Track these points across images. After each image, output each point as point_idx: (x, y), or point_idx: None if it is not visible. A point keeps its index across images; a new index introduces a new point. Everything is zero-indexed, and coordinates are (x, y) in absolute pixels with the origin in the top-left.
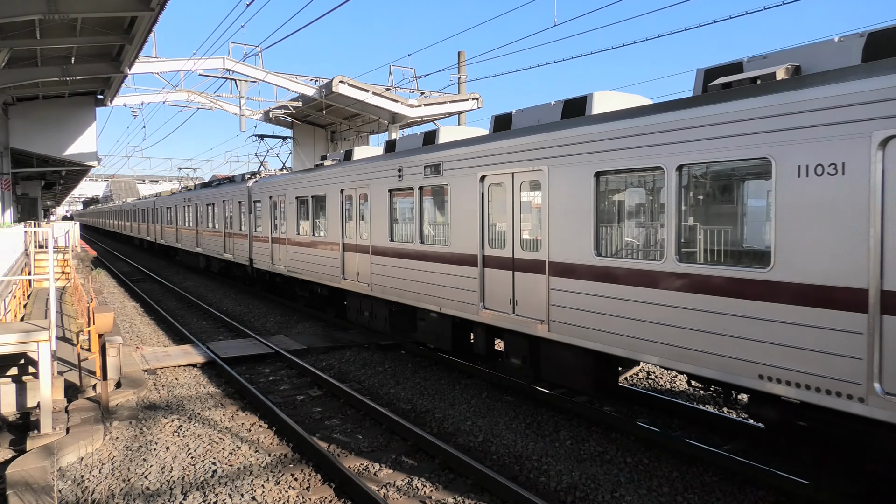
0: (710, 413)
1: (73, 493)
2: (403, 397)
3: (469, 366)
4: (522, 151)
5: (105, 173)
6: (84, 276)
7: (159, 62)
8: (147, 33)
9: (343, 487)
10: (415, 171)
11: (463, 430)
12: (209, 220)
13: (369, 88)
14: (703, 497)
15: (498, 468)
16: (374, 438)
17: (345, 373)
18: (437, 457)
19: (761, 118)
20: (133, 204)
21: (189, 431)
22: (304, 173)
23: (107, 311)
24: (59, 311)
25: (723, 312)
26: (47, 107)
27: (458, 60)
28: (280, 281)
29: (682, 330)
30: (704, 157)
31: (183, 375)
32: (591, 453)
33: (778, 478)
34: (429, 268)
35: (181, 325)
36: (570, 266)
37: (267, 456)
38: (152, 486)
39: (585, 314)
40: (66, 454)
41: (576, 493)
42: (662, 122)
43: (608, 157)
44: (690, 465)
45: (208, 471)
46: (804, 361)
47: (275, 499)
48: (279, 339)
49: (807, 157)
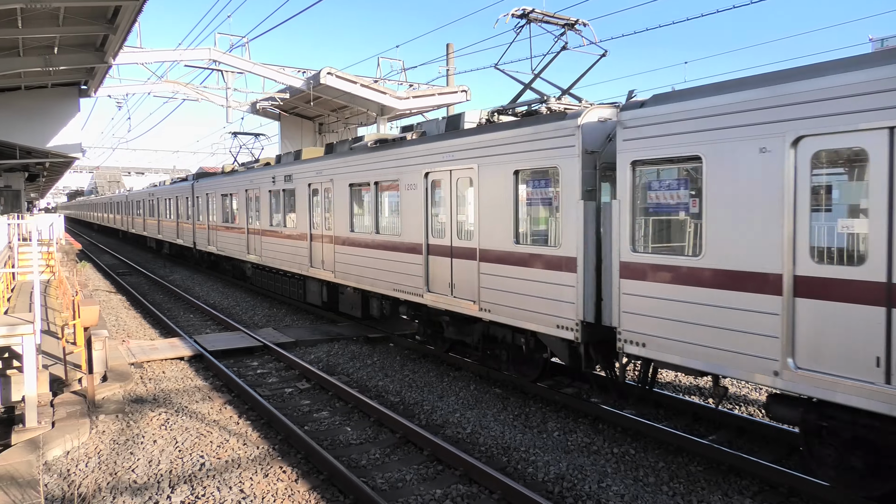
0: (695, 404)
1: (60, 487)
2: (392, 390)
3: (458, 358)
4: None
5: (90, 165)
6: (69, 269)
7: (144, 52)
8: (131, 23)
9: (332, 479)
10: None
11: (451, 422)
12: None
13: (357, 80)
14: (688, 486)
15: (486, 459)
16: (363, 431)
17: (333, 365)
18: (425, 448)
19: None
20: (137, 194)
21: (176, 425)
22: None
23: (92, 304)
24: (44, 305)
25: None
26: (30, 97)
27: (447, 52)
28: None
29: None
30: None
31: (170, 369)
32: (578, 444)
33: (762, 467)
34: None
35: (168, 318)
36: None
37: (255, 449)
38: (139, 480)
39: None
40: (52, 448)
41: (563, 484)
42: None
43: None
44: (676, 455)
45: (196, 464)
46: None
47: (263, 491)
48: (267, 332)
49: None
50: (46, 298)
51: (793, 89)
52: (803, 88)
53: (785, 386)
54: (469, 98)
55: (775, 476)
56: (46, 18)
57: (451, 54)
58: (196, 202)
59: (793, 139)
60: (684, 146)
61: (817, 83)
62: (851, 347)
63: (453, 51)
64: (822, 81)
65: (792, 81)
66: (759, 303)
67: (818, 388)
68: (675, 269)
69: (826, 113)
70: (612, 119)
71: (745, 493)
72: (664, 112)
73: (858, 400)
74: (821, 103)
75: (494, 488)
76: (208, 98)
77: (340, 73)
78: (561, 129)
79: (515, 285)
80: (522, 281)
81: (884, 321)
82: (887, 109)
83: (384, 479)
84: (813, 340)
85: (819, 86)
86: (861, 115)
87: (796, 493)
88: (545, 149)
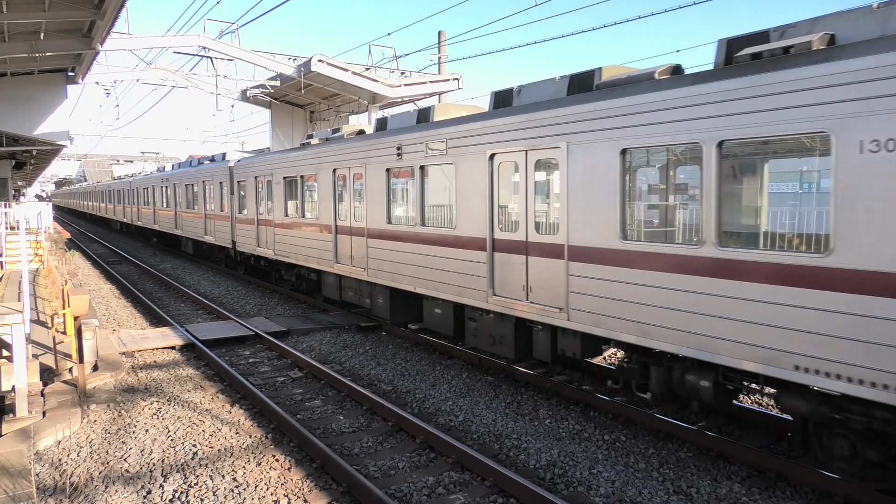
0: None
1: (51, 476)
2: (384, 378)
3: (450, 346)
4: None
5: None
6: (58, 258)
7: (132, 39)
8: (119, 8)
9: (325, 467)
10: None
11: (444, 410)
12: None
13: (349, 68)
14: (678, 472)
15: (478, 447)
16: (356, 419)
17: (325, 354)
18: (417, 436)
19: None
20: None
21: (168, 414)
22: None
23: (82, 293)
24: (33, 294)
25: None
26: (16, 84)
27: (439, 40)
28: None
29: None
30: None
31: (161, 358)
32: (569, 431)
33: (751, 452)
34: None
35: (159, 307)
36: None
37: (248, 437)
38: (132, 469)
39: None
40: (43, 437)
41: (554, 471)
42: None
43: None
44: (666, 442)
45: (188, 453)
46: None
47: (256, 479)
48: (259, 321)
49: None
50: (35, 288)
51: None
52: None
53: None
54: (461, 86)
55: (764, 461)
56: (32, 3)
57: (443, 42)
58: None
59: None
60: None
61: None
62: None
63: (445, 38)
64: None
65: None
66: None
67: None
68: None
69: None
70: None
71: (734, 478)
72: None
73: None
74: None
75: (486, 475)
76: (198, 85)
77: (331, 61)
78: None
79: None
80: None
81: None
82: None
83: (377, 467)
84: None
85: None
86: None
87: (783, 477)
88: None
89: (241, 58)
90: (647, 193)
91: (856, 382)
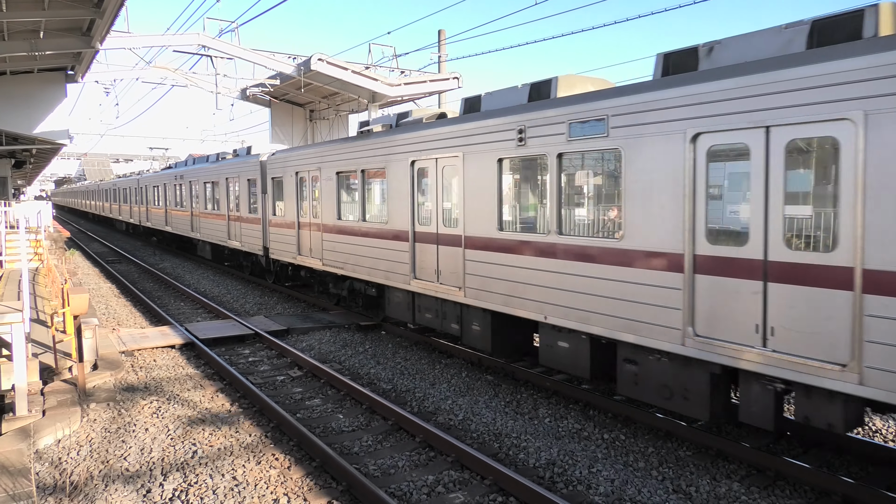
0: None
1: (51, 475)
2: (384, 377)
3: (449, 345)
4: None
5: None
6: (57, 257)
7: (132, 37)
8: (119, 7)
9: (324, 466)
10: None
11: (443, 408)
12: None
13: (348, 67)
14: (677, 471)
15: (478, 446)
16: (355, 418)
17: (325, 353)
18: (417, 435)
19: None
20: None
21: (168, 413)
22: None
23: (82, 292)
24: (33, 293)
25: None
26: (15, 83)
27: (439, 39)
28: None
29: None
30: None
31: (161, 357)
32: (569, 430)
33: (750, 451)
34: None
35: (158, 306)
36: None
37: (247, 436)
38: (132, 468)
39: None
40: (43, 436)
41: (554, 469)
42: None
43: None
44: (665, 441)
45: (188, 451)
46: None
47: (256, 478)
48: (259, 320)
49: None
50: (35, 287)
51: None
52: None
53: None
54: (461, 85)
55: (763, 460)
56: (32, 2)
57: (442, 41)
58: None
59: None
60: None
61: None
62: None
63: (445, 37)
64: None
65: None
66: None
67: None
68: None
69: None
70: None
71: (733, 476)
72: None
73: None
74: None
75: (486, 474)
76: (197, 84)
77: (331, 60)
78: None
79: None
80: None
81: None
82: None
83: (376, 466)
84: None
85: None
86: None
87: (783, 476)
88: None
89: (240, 56)
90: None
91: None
